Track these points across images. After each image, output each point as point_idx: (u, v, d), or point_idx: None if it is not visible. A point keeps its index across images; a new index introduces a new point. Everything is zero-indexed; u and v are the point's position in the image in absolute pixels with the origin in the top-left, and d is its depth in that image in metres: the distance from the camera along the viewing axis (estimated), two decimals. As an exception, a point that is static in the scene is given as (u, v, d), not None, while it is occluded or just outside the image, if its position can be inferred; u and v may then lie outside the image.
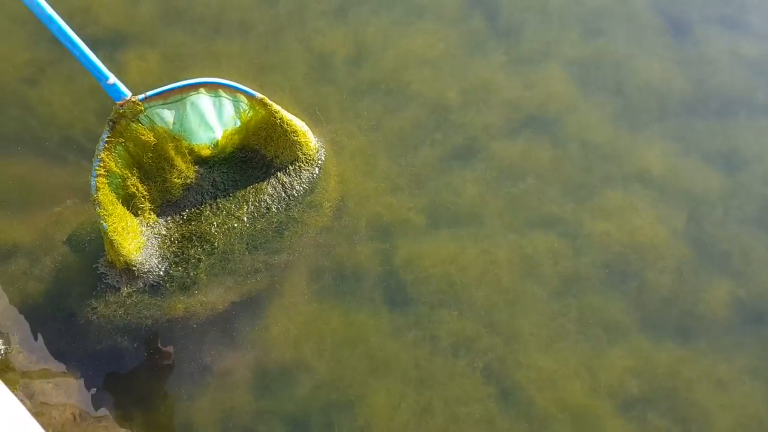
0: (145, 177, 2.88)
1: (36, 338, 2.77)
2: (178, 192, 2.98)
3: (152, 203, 2.94)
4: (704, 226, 3.14)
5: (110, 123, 2.69)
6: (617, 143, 3.34)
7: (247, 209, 3.02)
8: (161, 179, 2.92)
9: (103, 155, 2.68)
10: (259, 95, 2.94)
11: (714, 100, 3.49)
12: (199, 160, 3.03)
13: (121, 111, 2.68)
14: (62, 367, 2.73)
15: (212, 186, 3.04)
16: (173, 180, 2.94)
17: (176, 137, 2.87)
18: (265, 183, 3.08)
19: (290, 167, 3.11)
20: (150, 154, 2.82)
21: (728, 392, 2.81)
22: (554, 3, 3.78)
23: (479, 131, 3.37)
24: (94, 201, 2.69)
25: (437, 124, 3.38)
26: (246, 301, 2.89)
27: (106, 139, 2.68)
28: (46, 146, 3.25)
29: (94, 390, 2.70)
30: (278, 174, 3.10)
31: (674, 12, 3.77)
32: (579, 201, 3.18)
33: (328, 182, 3.15)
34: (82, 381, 2.71)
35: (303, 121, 3.21)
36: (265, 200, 3.04)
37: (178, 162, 2.93)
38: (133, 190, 2.84)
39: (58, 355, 2.75)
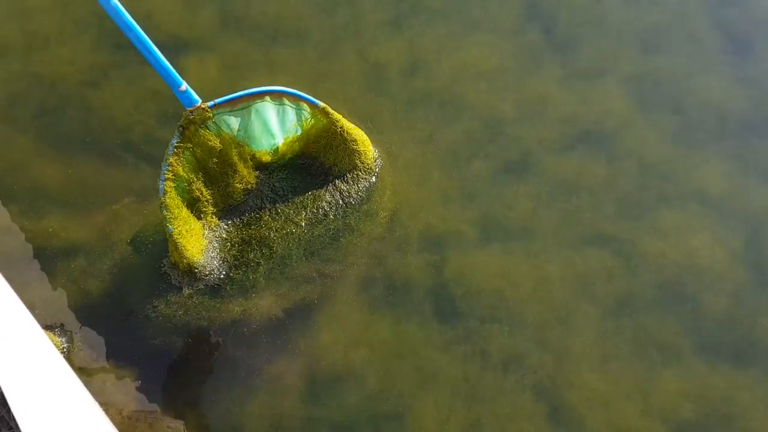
0: (209, 181, 2.93)
1: (97, 336, 2.83)
2: (240, 197, 3.03)
3: (215, 207, 2.99)
4: (763, 249, 3.07)
5: (180, 128, 2.74)
6: (674, 162, 3.29)
7: (305, 215, 3.05)
8: (224, 184, 2.97)
9: (171, 160, 2.74)
10: (321, 104, 2.97)
11: (775, 120, 3.42)
12: (260, 166, 3.08)
13: (191, 117, 2.73)
14: (121, 365, 2.79)
15: (272, 191, 3.08)
16: (235, 185, 2.99)
17: (240, 143, 2.92)
18: (323, 190, 3.11)
19: (348, 175, 3.13)
20: (215, 160, 2.88)
21: (785, 421, 2.74)
22: (612, 18, 3.74)
23: (533, 145, 3.35)
24: (162, 204, 2.74)
25: (491, 137, 3.37)
26: (299, 308, 2.91)
27: (175, 144, 2.74)
28: (107, 148, 3.32)
29: (149, 389, 2.75)
30: (336, 181, 3.12)
31: (735, 30, 3.70)
32: (634, 219, 3.14)
33: (383, 192, 3.17)
34: (139, 380, 2.76)
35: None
36: (323, 207, 3.07)
37: (241, 168, 2.98)
38: (198, 194, 2.90)
39: (117, 353, 2.81)
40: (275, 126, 2.99)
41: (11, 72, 3.48)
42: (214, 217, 2.99)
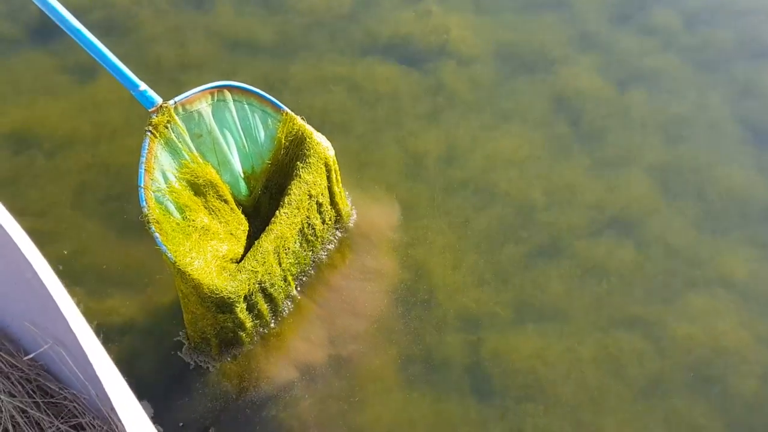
0: (206, 210, 2.97)
1: (157, 417, 3.02)
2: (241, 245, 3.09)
3: (221, 241, 2.98)
4: (789, 333, 3.19)
5: (147, 132, 2.71)
6: (699, 248, 3.46)
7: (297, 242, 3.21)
8: (216, 209, 2.99)
9: (147, 165, 2.69)
10: (285, 107, 3.10)
11: (796, 207, 3.59)
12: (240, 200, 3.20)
13: (153, 119, 2.73)
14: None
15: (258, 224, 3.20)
16: (231, 219, 3.04)
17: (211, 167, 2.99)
18: (301, 221, 3.20)
19: (324, 204, 3.29)
20: (200, 180, 2.92)
21: (817, 504, 2.81)
22: (636, 110, 3.99)
23: (563, 230, 3.54)
24: (145, 218, 2.68)
25: (522, 223, 3.58)
26: (341, 374, 3.09)
27: (146, 150, 2.70)
28: (165, 231, 3.58)
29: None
30: (316, 207, 3.24)
31: (754, 120, 3.92)
32: (662, 303, 3.29)
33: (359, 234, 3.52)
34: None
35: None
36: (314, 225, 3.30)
37: (225, 191, 3.03)
38: (195, 220, 2.87)
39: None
40: (236, 130, 3.02)
41: (82, 162, 3.80)
42: (222, 245, 2.95)
